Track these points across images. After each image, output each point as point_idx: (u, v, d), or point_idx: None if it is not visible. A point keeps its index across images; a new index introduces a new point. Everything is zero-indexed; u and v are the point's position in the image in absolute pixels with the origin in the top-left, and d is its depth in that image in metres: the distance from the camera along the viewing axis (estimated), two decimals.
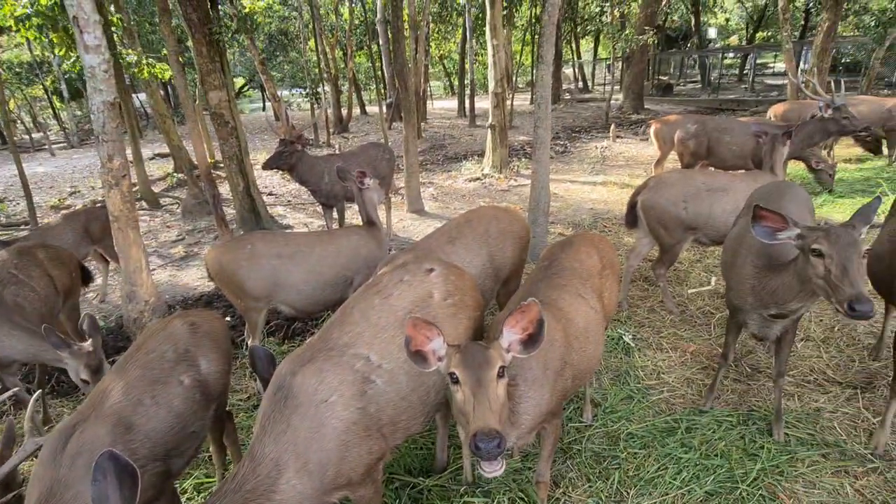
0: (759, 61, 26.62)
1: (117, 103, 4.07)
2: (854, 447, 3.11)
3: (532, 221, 5.96)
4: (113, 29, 8.04)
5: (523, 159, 11.96)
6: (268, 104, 28.29)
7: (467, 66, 19.89)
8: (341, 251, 4.16)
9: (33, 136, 23.78)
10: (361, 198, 4.42)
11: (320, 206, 7.26)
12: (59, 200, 11.24)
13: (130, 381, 2.38)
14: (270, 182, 11.81)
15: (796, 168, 8.66)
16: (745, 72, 27.80)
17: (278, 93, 17.94)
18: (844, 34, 22.30)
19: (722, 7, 31.91)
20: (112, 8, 8.98)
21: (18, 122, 24.85)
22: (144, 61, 8.71)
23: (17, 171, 7.02)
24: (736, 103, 19.10)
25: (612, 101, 18.15)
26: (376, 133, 17.76)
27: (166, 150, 12.99)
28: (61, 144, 21.75)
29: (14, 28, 6.37)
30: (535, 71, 6.69)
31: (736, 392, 3.73)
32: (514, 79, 21.12)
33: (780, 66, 23.14)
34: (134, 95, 19.35)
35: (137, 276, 4.40)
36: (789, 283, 2.64)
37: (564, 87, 28.04)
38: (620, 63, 20.49)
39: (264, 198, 9.09)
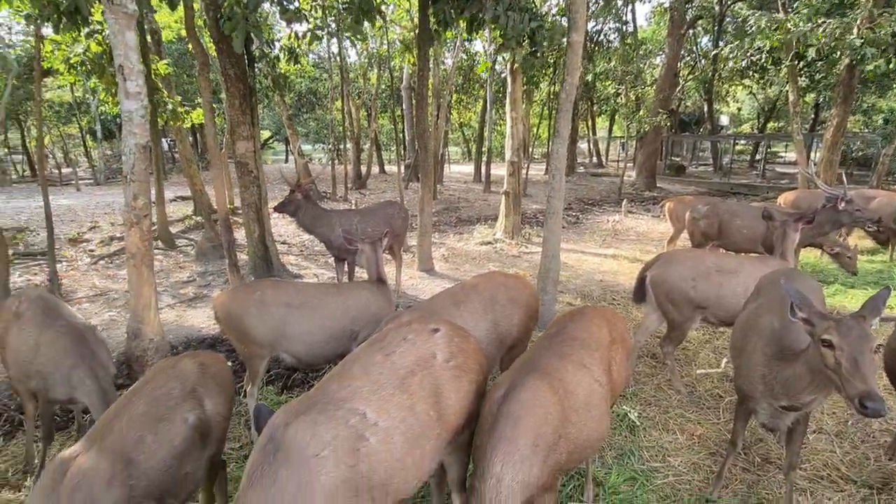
0: (770, 149, 27.30)
1: (149, 147, 4.25)
2: None
3: (541, 289, 5.97)
4: (154, 77, 8.50)
5: (535, 227, 12.13)
6: (290, 157, 29.24)
7: (486, 134, 20.61)
8: (350, 305, 4.17)
9: (62, 170, 24.63)
10: (375, 255, 4.48)
11: (332, 259, 7.35)
12: (77, 234, 11.47)
13: (134, 417, 2.37)
14: (285, 231, 12.00)
15: (806, 256, 8.69)
16: (756, 158, 28.51)
17: (301, 147, 18.58)
18: (854, 129, 22.92)
19: (734, 97, 33.13)
20: (156, 58, 9.54)
21: (50, 157, 25.87)
22: (181, 110, 9.16)
23: (43, 203, 7.21)
24: (747, 188, 19.45)
25: (625, 178, 18.56)
26: (393, 191, 18.18)
27: (188, 193, 13.36)
28: (88, 181, 22.45)
29: (63, 72, 6.78)
30: (551, 144, 6.96)
31: (745, 482, 3.57)
32: (530, 149, 21.77)
33: (791, 155, 23.66)
34: (163, 139, 20.13)
35: (146, 313, 4.42)
36: (800, 373, 2.59)
37: (579, 160, 28.85)
38: (634, 142, 21.12)
39: (278, 246, 9.21)
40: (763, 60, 12.90)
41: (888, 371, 3.31)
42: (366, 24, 7.17)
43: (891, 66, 11.06)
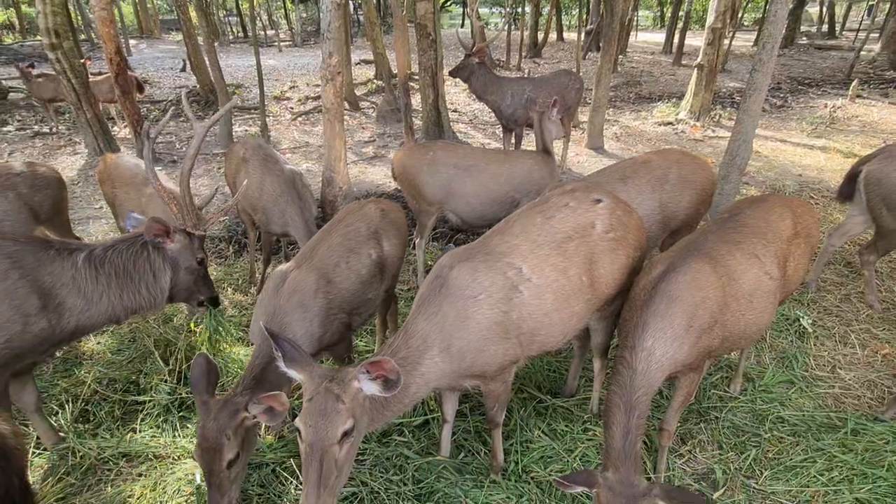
0: None
1: (343, 5, 4.50)
2: None
3: (722, 176, 5.39)
4: None
5: (728, 109, 10.63)
6: (466, 22, 28.51)
7: None
8: (514, 172, 4.27)
9: (267, 32, 27.16)
10: (541, 126, 4.42)
11: (500, 130, 7.38)
12: (280, 92, 12.92)
13: (332, 246, 2.87)
14: (457, 100, 12.16)
15: None
16: None
17: (478, 10, 17.90)
18: None
19: None
20: None
21: (258, 19, 28.57)
22: None
23: (254, 62, 8.16)
24: None
25: (862, 52, 14.93)
26: (569, 62, 16.98)
27: (370, 57, 13.98)
28: (287, 43, 24.53)
29: None
30: (768, 5, 5.67)
31: None
32: (739, 14, 18.30)
33: None
34: (350, 1, 20.84)
35: (337, 164, 5.03)
36: None
37: (803, 29, 23.58)
38: (889, 5, 16.50)
39: (449, 113, 9.45)
40: None
41: None
42: None
43: None
